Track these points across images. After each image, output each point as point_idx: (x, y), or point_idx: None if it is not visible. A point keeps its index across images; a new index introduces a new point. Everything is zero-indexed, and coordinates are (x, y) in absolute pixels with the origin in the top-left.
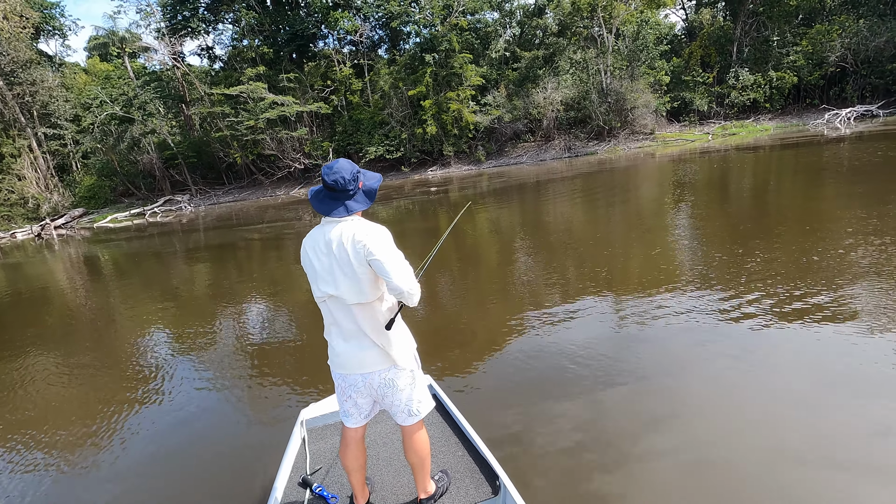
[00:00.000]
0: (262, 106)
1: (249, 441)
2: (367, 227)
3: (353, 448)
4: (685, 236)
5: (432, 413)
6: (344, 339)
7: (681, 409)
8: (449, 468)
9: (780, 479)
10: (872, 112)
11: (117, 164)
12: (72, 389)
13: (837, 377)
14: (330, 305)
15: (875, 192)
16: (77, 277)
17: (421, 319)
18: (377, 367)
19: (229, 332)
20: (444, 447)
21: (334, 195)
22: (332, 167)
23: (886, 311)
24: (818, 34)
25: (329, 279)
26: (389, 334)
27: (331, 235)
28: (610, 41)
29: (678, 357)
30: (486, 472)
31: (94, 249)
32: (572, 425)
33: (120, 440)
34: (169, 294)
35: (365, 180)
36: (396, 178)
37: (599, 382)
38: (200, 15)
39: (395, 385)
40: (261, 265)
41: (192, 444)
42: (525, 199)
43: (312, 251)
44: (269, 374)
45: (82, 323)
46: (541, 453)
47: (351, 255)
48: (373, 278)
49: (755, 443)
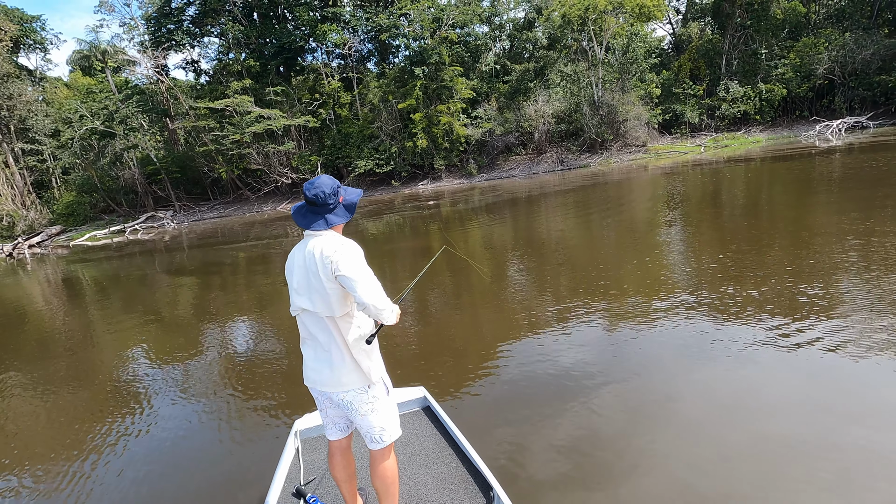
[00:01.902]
0: (247, 120)
1: (243, 452)
2: (337, 242)
3: (339, 458)
4: (684, 251)
5: (426, 423)
6: (314, 353)
7: (674, 422)
8: (442, 478)
9: (774, 489)
10: (862, 123)
11: (97, 179)
12: (53, 413)
13: (829, 387)
14: (304, 319)
15: (875, 202)
16: (48, 300)
17: (415, 332)
18: (336, 389)
19: (219, 349)
20: (438, 458)
21: (315, 209)
22: (313, 183)
23: (878, 318)
24: (805, 47)
25: (303, 293)
26: (355, 355)
27: (307, 250)
28: (600, 54)
29: (672, 369)
30: (480, 482)
31: (69, 269)
32: (565, 436)
33: (105, 460)
34: (146, 318)
35: (345, 195)
36: (386, 193)
37: (592, 395)
38: (185, 28)
39: (355, 408)
40: (246, 285)
41: (186, 457)
42: (518, 214)
43: (292, 265)
44: (261, 388)
45: (52, 352)
46: (534, 464)
47: (319, 269)
48: (341, 294)
49: (749, 455)
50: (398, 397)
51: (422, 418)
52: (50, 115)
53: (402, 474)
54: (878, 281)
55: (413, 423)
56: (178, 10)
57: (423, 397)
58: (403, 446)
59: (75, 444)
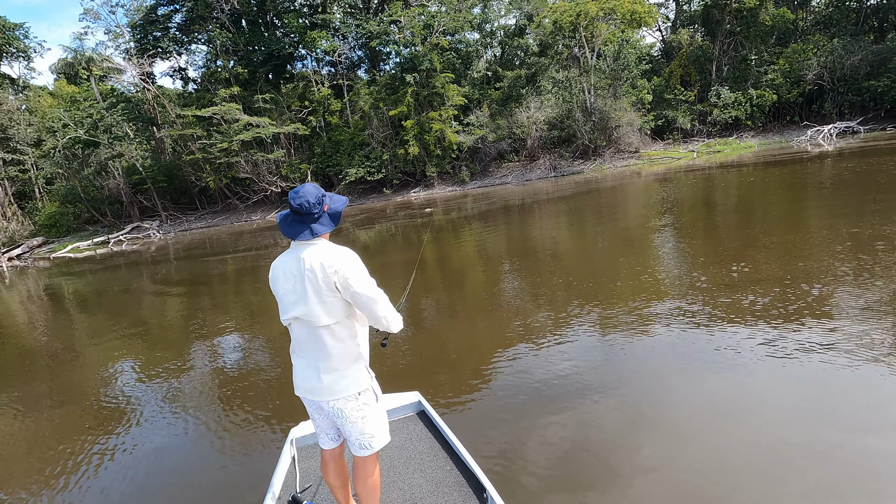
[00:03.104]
0: (236, 127)
1: (239, 461)
2: (335, 252)
3: (332, 466)
4: (678, 259)
5: (420, 427)
6: (305, 362)
7: (668, 426)
8: (437, 482)
9: (769, 495)
10: (853, 128)
11: (81, 189)
12: (37, 430)
13: (822, 390)
14: (295, 328)
15: (873, 207)
16: (29, 314)
17: (410, 339)
18: (327, 397)
19: (210, 362)
20: (433, 461)
21: (300, 219)
22: (297, 192)
23: (872, 324)
24: (794, 53)
25: (296, 301)
26: (346, 362)
27: (300, 259)
28: (592, 60)
29: (665, 375)
30: (474, 485)
31: (50, 282)
32: (559, 440)
33: (98, 474)
34: (130, 332)
35: (330, 203)
36: (378, 201)
37: (587, 400)
38: (172, 35)
39: (345, 415)
40: (236, 298)
41: (180, 468)
42: (511, 222)
43: (282, 275)
44: (255, 397)
45: (32, 368)
46: (528, 468)
47: (320, 280)
48: (340, 304)
49: (743, 457)
50: (393, 402)
51: (417, 423)
52: (33, 124)
53: (397, 478)
54: (875, 287)
55: (408, 428)
56: (164, 18)
57: (418, 402)
58: (398, 451)
59: (62, 461)
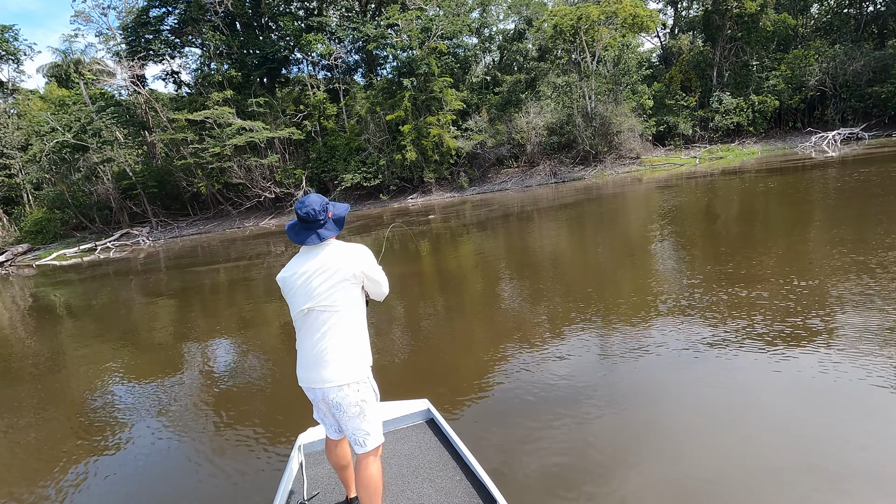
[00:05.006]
0: (229, 132)
1: (245, 468)
2: (353, 248)
3: (337, 450)
4: (680, 269)
5: (429, 435)
6: (312, 350)
7: (666, 433)
8: (446, 492)
9: None
10: (857, 135)
11: (69, 195)
12: (29, 441)
13: (818, 398)
14: (306, 318)
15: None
16: (10, 322)
17: (411, 347)
18: (330, 384)
19: (207, 372)
20: (442, 471)
21: (308, 226)
22: (304, 202)
23: (866, 334)
24: (796, 59)
25: (309, 293)
26: (352, 348)
27: (315, 257)
28: (592, 65)
29: (663, 382)
30: (484, 495)
31: (34, 290)
32: (570, 449)
33: (105, 482)
34: (119, 344)
35: (334, 210)
36: (375, 207)
37: (588, 406)
38: (164, 38)
39: (343, 409)
40: (229, 311)
41: (186, 475)
42: (511, 230)
43: (293, 274)
44: (261, 404)
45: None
46: (529, 476)
47: (342, 272)
48: (351, 294)
49: (739, 465)
50: (402, 410)
51: (426, 431)
52: (22, 127)
53: (406, 488)
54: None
55: (417, 436)
56: (156, 20)
57: (427, 409)
58: (407, 459)
59: (56, 471)
